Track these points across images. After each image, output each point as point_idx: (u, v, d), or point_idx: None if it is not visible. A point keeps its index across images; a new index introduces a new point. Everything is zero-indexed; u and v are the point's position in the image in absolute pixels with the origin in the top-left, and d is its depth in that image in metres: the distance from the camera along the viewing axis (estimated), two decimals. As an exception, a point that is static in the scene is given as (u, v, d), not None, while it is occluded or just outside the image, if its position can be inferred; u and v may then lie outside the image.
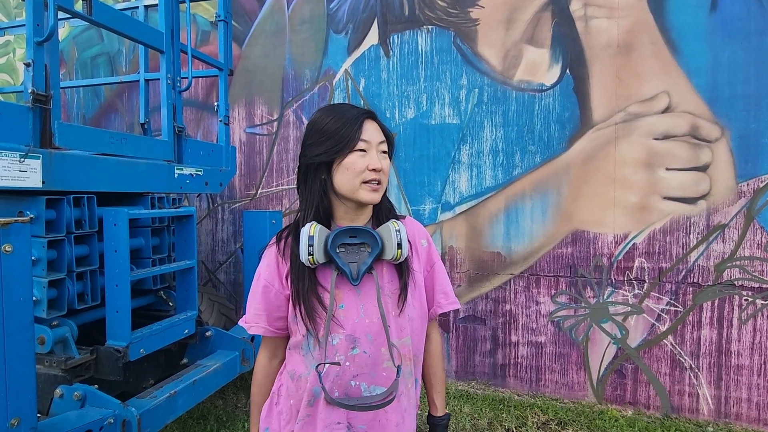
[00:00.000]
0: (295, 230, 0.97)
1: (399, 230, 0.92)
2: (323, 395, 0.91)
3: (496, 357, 2.83)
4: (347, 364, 0.93)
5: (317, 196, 0.95)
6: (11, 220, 1.23)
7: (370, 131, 0.94)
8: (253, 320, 1.00)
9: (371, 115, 0.96)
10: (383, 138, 0.96)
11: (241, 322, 1.03)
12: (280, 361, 1.04)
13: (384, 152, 0.96)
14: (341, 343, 0.93)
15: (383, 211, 1.02)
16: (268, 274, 0.98)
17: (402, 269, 0.97)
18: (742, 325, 2.37)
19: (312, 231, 0.90)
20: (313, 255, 0.89)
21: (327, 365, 0.91)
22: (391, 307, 0.95)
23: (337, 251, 0.91)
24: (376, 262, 0.94)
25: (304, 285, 0.93)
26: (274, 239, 1.01)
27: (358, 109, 0.96)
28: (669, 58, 2.43)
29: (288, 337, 1.02)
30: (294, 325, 0.97)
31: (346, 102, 0.85)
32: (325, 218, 0.97)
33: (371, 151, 0.93)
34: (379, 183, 0.94)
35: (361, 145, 0.92)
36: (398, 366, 0.93)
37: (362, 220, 0.99)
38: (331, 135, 0.93)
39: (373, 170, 0.92)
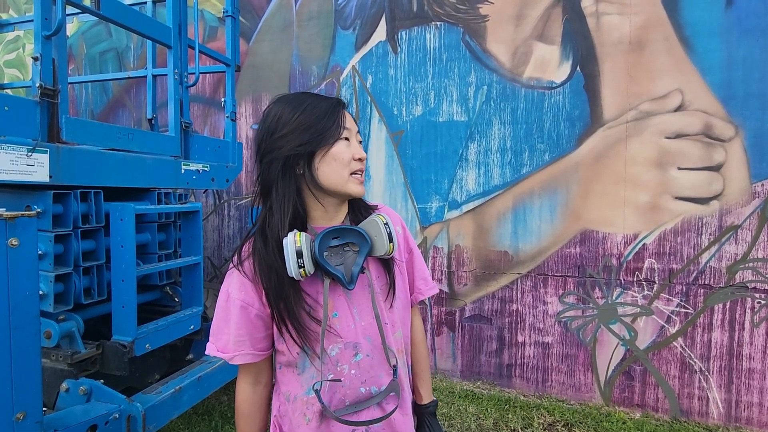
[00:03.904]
0: (264, 244, 0.86)
1: (387, 223, 0.87)
2: (330, 413, 0.86)
3: (502, 357, 2.81)
4: (353, 372, 0.88)
5: (293, 195, 0.86)
6: (18, 214, 1.23)
7: (348, 119, 0.90)
8: (235, 348, 0.87)
9: (345, 104, 0.92)
10: (357, 127, 0.93)
11: (214, 353, 0.89)
12: (264, 386, 0.94)
13: (360, 141, 0.92)
14: (341, 352, 0.88)
15: (358, 206, 0.96)
16: (244, 294, 0.87)
17: (389, 263, 0.94)
18: (755, 328, 2.33)
19: (299, 242, 0.81)
20: (304, 267, 0.81)
21: (325, 382, 0.87)
22: (382, 304, 0.92)
23: (324, 256, 0.84)
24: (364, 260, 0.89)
25: (291, 301, 0.84)
26: (236, 260, 0.89)
27: (326, 96, 0.90)
28: (682, 55, 2.39)
29: (270, 358, 0.93)
30: (281, 344, 0.88)
31: (318, 94, 0.83)
32: (300, 222, 0.87)
33: (352, 139, 0.89)
34: (362, 173, 0.90)
35: (345, 133, 0.88)
36: (394, 366, 0.90)
37: (340, 218, 0.93)
38: (311, 124, 0.85)
39: (359, 159, 0.88)
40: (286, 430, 0.93)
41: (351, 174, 0.88)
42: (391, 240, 0.87)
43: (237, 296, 0.87)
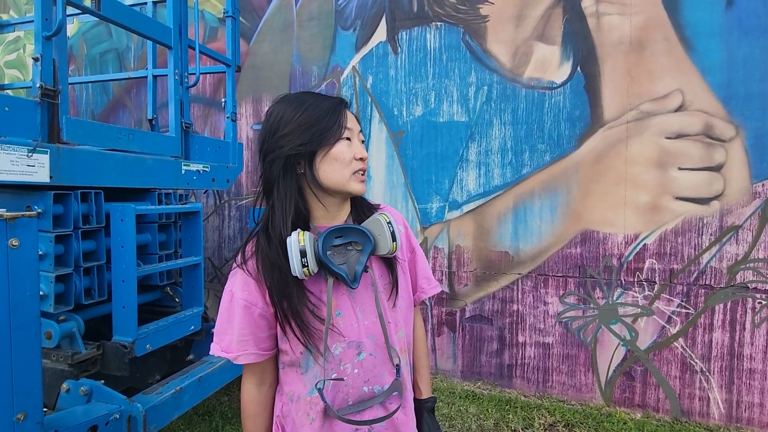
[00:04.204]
0: (267, 242, 0.87)
1: (390, 222, 0.88)
2: (333, 412, 0.86)
3: (502, 357, 2.81)
4: (356, 371, 0.89)
5: (294, 194, 0.87)
6: (18, 214, 1.23)
7: (350, 119, 0.90)
8: (238, 348, 0.87)
9: (347, 104, 0.92)
10: (360, 126, 0.93)
11: (218, 353, 0.89)
12: (269, 386, 0.94)
13: (362, 141, 0.93)
14: (344, 351, 0.88)
15: (361, 205, 0.97)
16: (247, 293, 0.87)
17: (392, 262, 0.94)
18: (755, 328, 2.33)
19: (302, 241, 0.82)
20: (308, 266, 0.81)
21: (328, 381, 0.87)
22: (385, 303, 0.92)
23: (327, 255, 0.85)
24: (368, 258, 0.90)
25: (294, 300, 0.84)
26: (239, 260, 0.89)
27: (328, 96, 0.91)
28: (683, 55, 2.39)
29: (274, 358, 0.94)
30: (285, 343, 0.88)
31: (320, 93, 0.84)
32: (303, 221, 0.88)
33: (354, 139, 0.90)
34: (364, 173, 0.91)
35: (346, 133, 0.88)
36: (397, 365, 0.91)
37: (342, 217, 0.93)
38: (313, 123, 0.85)
39: (360, 159, 0.88)
40: (289, 431, 0.92)
41: (353, 173, 0.88)
42: (394, 239, 0.87)
43: (240, 296, 0.87)
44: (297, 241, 0.82)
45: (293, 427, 0.91)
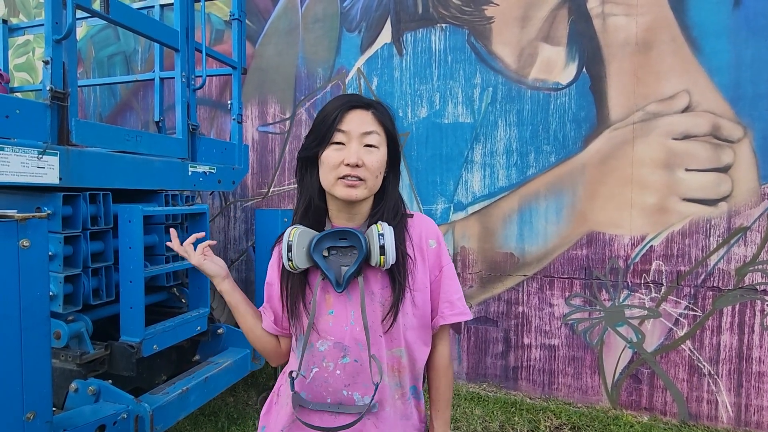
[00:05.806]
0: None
1: (383, 234, 0.83)
2: (301, 401, 0.88)
3: (508, 359, 2.80)
4: (338, 372, 0.88)
5: (309, 191, 0.92)
6: (29, 215, 1.24)
7: (353, 121, 0.86)
8: (262, 313, 1.01)
9: (360, 104, 0.87)
10: (371, 129, 0.86)
11: None
12: (269, 336, 1.01)
13: (370, 145, 0.86)
14: (329, 350, 0.89)
15: (384, 210, 0.91)
16: (272, 271, 0.98)
17: (395, 276, 0.88)
18: (764, 330, 2.31)
19: (291, 236, 0.85)
20: (292, 260, 0.84)
21: (309, 373, 0.90)
22: (378, 315, 0.88)
23: (326, 254, 0.86)
24: (369, 267, 0.87)
25: (290, 288, 0.91)
26: (276, 240, 1.00)
27: (350, 97, 0.88)
28: (689, 56, 2.37)
29: (287, 340, 1.02)
30: (291, 326, 0.95)
31: (348, 95, 0.85)
32: (318, 217, 0.92)
33: (351, 143, 0.85)
34: (360, 179, 0.85)
35: (337, 137, 0.85)
36: (381, 379, 0.87)
37: (358, 219, 0.92)
38: (315, 126, 0.89)
39: (348, 164, 0.84)
40: (276, 408, 0.98)
41: (339, 178, 0.85)
42: (383, 253, 0.83)
43: (268, 272, 0.98)
44: (287, 236, 0.86)
45: (279, 406, 0.98)
